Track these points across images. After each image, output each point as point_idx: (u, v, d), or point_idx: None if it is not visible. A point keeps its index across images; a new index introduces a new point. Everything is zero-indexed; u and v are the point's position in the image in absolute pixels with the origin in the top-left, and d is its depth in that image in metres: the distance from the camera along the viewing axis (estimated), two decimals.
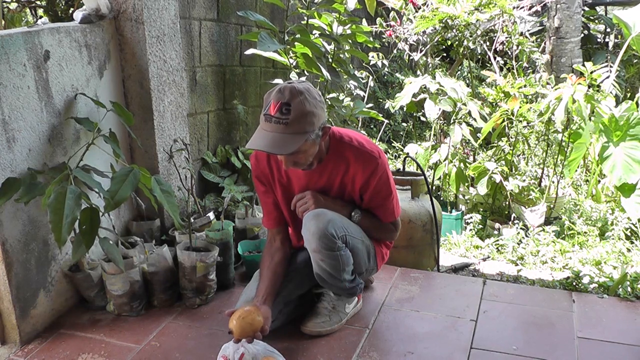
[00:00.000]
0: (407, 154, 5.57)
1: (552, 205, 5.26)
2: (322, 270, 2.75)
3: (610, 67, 6.32)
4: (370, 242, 2.93)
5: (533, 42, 7.29)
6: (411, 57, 7.51)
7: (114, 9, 3.24)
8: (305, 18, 4.30)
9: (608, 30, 8.68)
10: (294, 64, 4.12)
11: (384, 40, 7.27)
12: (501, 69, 7.09)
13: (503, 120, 5.53)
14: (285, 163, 2.59)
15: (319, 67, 3.99)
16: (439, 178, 5.71)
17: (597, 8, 8.84)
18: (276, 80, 4.27)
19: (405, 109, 5.96)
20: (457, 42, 6.84)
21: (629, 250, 4.35)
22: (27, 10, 5.62)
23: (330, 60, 4.37)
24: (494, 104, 5.90)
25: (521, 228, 4.93)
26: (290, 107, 2.44)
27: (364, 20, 5.30)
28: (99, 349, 2.72)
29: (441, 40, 7.11)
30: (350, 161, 2.72)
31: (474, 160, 5.91)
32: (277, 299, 2.77)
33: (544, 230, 4.82)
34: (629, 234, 4.67)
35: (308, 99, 2.47)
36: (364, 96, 6.48)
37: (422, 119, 6.92)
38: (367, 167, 2.71)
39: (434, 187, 5.72)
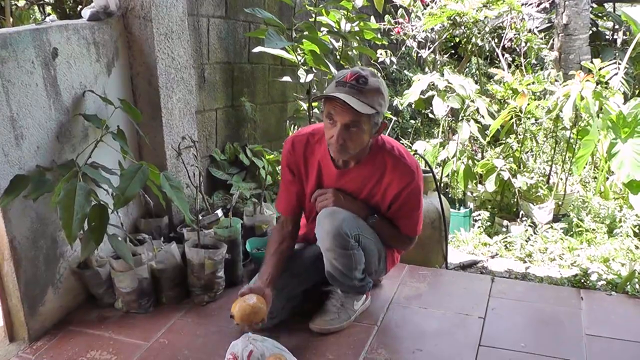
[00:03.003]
0: (416, 151, 5.57)
1: (560, 203, 5.25)
2: (334, 269, 2.75)
3: (619, 64, 6.29)
4: (381, 245, 2.92)
5: (541, 39, 7.27)
6: (419, 54, 7.52)
7: (122, 6, 3.24)
8: (313, 15, 4.30)
9: (616, 27, 8.65)
10: (302, 61, 4.11)
11: (392, 37, 7.26)
12: (509, 66, 7.07)
13: (511, 117, 5.52)
14: (339, 134, 2.49)
15: (326, 64, 3.99)
16: (447, 175, 5.71)
17: (605, 5, 8.81)
18: (284, 78, 4.28)
19: (413, 106, 5.96)
20: (465, 39, 6.84)
21: (637, 247, 4.33)
22: (35, 7, 5.64)
23: (338, 57, 4.37)
24: (502, 101, 5.90)
25: (529, 225, 4.92)
26: (367, 81, 2.46)
27: (372, 17, 5.31)
28: (108, 346, 2.72)
29: (449, 37, 7.11)
30: (387, 169, 2.70)
31: (482, 158, 5.90)
32: (280, 294, 2.78)
33: (552, 227, 4.81)
34: (637, 231, 4.66)
35: (383, 85, 2.52)
36: None
37: (431, 116, 6.90)
38: (402, 179, 2.70)
39: (442, 184, 5.71)
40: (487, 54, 7.72)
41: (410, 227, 2.90)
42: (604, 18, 8.90)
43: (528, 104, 5.38)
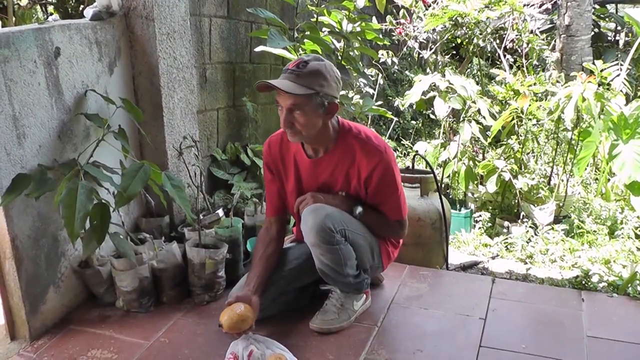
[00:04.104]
0: (417, 151, 5.57)
1: (561, 204, 5.25)
2: (324, 265, 2.76)
3: (621, 65, 6.29)
4: (373, 238, 2.93)
5: (543, 40, 7.27)
6: (421, 55, 7.52)
7: (124, 5, 3.24)
8: (315, 15, 4.30)
9: (619, 28, 8.64)
10: None
11: (393, 37, 7.27)
12: (511, 67, 7.07)
13: (512, 119, 5.52)
14: (285, 118, 2.60)
15: None
16: (448, 176, 5.71)
17: (607, 6, 8.81)
18: None
19: (414, 106, 5.97)
20: (467, 40, 6.84)
21: (638, 249, 4.33)
22: (38, 7, 5.64)
23: (339, 57, 4.37)
24: (503, 102, 5.90)
25: (530, 226, 4.92)
26: (307, 65, 2.54)
27: (373, 17, 5.30)
28: (108, 345, 2.72)
29: (451, 38, 7.12)
30: (356, 152, 2.73)
31: (484, 159, 5.90)
32: (271, 288, 2.82)
33: (553, 228, 4.81)
34: (639, 232, 4.66)
35: (326, 67, 2.58)
36: (374, 94, 6.48)
37: (432, 116, 6.92)
38: (371, 160, 2.71)
39: (443, 185, 5.72)
40: (489, 54, 7.72)
41: (393, 211, 2.90)
42: (606, 19, 8.89)
43: (529, 105, 5.38)
